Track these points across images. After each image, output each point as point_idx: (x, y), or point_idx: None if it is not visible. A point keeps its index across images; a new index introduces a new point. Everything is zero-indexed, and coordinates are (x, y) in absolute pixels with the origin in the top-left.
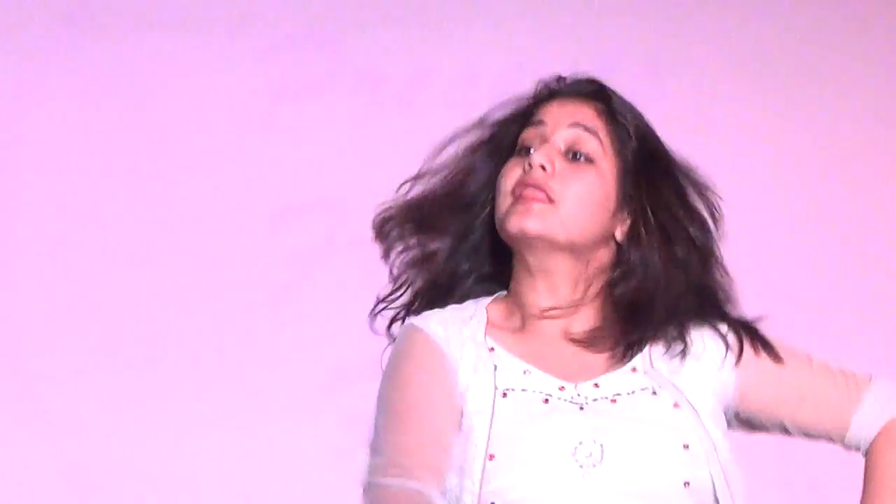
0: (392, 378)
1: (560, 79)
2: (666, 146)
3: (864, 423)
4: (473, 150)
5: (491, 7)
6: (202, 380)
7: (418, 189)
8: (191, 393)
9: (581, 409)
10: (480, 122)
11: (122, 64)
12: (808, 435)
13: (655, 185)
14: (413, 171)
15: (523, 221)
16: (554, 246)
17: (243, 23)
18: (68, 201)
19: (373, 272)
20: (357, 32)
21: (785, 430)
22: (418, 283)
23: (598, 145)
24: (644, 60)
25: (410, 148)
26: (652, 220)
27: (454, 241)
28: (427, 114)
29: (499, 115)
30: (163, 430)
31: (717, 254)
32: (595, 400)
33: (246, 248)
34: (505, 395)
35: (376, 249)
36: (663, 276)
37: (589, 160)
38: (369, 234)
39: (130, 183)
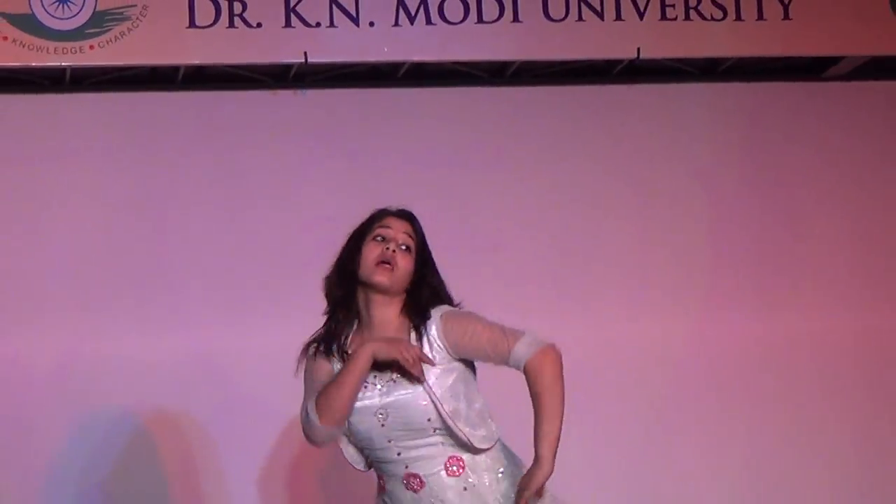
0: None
1: (398, 208)
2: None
3: (517, 353)
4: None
5: None
6: None
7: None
8: None
9: (381, 387)
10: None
11: None
12: (494, 362)
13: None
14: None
15: (383, 276)
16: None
17: None
18: None
19: None
20: None
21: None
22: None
23: (413, 244)
24: None
25: None
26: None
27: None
28: None
29: (363, 223)
30: None
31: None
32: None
33: None
34: None
35: None
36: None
37: (409, 250)
38: None
39: None
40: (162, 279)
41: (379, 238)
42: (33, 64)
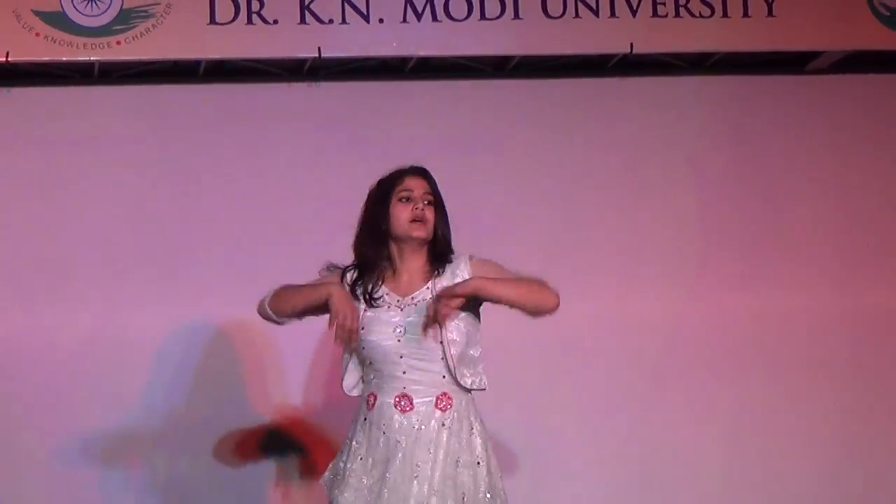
0: None
1: (411, 167)
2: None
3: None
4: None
5: None
6: None
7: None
8: None
9: (401, 308)
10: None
11: None
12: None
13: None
14: None
15: (420, 231)
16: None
17: None
18: None
19: None
20: None
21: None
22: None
23: (432, 198)
24: None
25: None
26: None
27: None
28: None
29: (383, 186)
30: None
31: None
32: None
33: None
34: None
35: None
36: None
37: (431, 204)
38: None
39: None
40: (185, 258)
41: (405, 199)
42: (64, 58)
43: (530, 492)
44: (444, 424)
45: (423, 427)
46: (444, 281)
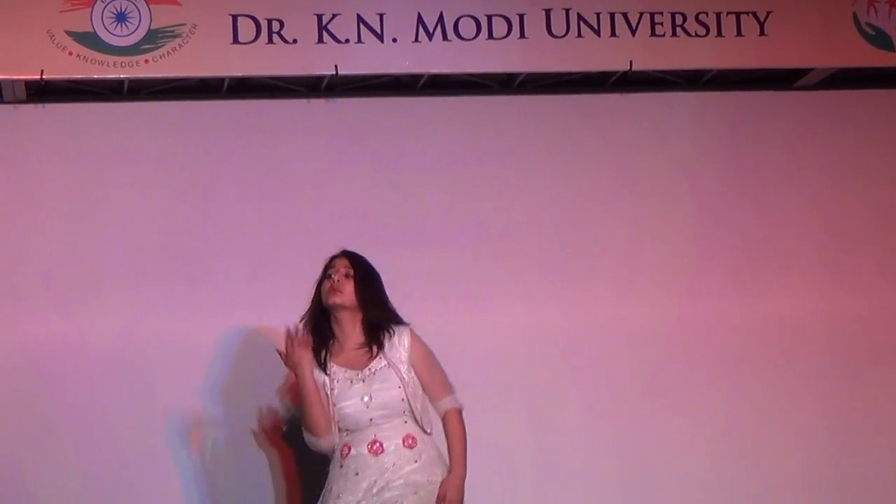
0: None
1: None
2: (370, 268)
3: (446, 402)
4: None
5: None
6: None
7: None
8: None
9: (363, 380)
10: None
11: None
12: (425, 394)
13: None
14: None
15: (335, 297)
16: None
17: None
18: None
19: None
20: None
21: (422, 388)
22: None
23: (353, 272)
24: None
25: None
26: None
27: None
28: None
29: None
30: None
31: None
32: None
33: None
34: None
35: None
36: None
37: (349, 276)
38: None
39: None
40: (208, 266)
41: (328, 275)
42: (95, 76)
43: (531, 489)
44: (415, 460)
45: (395, 463)
46: (391, 349)
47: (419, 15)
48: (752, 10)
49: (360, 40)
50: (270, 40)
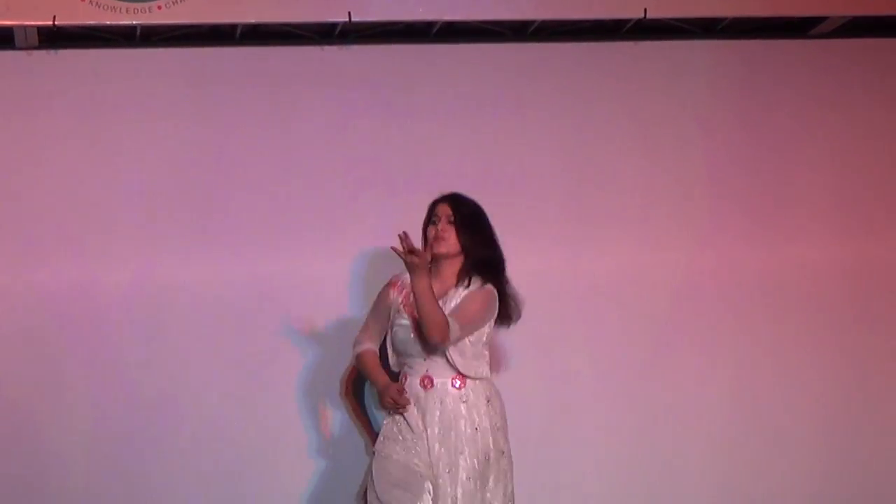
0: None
1: (440, 195)
2: (475, 210)
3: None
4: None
5: None
6: None
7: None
8: None
9: None
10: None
11: None
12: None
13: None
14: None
15: (438, 247)
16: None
17: None
18: None
19: None
20: None
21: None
22: None
23: (452, 217)
24: None
25: None
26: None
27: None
28: None
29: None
30: None
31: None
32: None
33: None
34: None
35: None
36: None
37: (453, 224)
38: None
39: None
40: (219, 211)
41: (432, 222)
42: (108, 22)
43: (541, 435)
44: (462, 399)
45: (443, 401)
46: (471, 289)
47: None
48: None
49: None
50: None
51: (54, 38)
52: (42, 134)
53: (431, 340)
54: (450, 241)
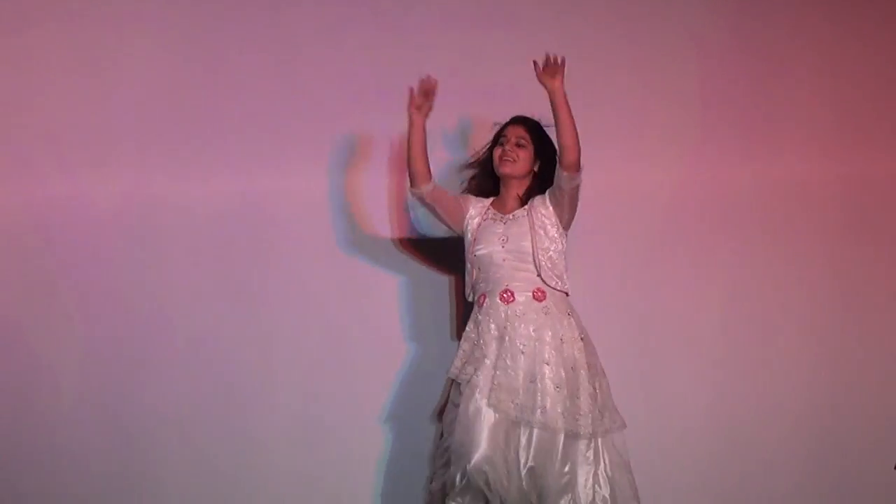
0: None
1: (513, 117)
2: (545, 138)
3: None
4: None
5: None
6: None
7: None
8: None
9: (504, 223)
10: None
11: None
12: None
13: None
14: None
15: (505, 167)
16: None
17: None
18: None
19: None
20: None
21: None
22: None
23: (527, 142)
24: None
25: None
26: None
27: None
28: None
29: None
30: None
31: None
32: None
33: None
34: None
35: None
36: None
37: (522, 146)
38: None
39: None
40: (214, 127)
41: (499, 143)
42: None
43: None
44: (544, 311)
45: (525, 313)
46: (538, 206)
47: None
48: None
49: None
50: None
51: None
52: (34, 48)
53: (576, 153)
54: (518, 163)
